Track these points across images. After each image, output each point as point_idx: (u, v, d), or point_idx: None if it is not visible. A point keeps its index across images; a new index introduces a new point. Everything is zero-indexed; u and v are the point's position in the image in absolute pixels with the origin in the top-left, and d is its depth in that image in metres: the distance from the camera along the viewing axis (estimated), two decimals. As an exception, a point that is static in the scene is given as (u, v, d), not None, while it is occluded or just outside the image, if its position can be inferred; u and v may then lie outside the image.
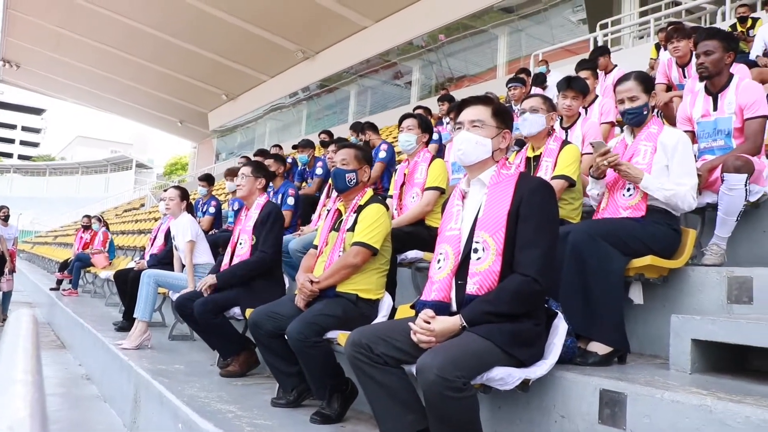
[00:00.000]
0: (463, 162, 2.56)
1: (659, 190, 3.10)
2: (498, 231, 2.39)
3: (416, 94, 24.16)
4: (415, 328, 2.38)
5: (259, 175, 4.70)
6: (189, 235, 5.50)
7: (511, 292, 2.31)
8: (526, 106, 3.98)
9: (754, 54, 7.15)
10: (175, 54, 28.86)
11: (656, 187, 3.11)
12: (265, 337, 3.44)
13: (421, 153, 4.62)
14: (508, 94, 8.47)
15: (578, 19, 18.07)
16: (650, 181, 3.12)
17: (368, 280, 3.41)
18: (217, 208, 8.31)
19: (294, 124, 32.07)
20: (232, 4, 23.63)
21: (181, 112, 38.38)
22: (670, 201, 3.11)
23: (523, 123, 3.96)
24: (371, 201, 3.51)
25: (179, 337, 5.89)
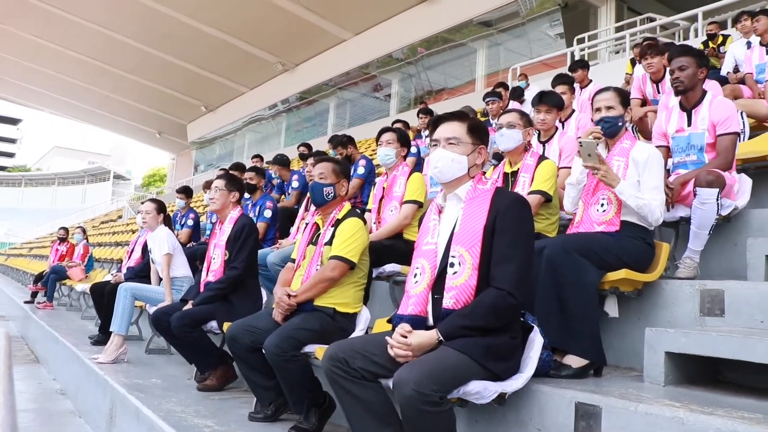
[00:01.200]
0: (439, 179, 2.58)
1: (633, 197, 3.14)
2: (474, 245, 2.41)
3: (395, 106, 24.27)
4: (392, 342, 2.38)
5: (233, 189, 4.68)
6: (166, 248, 5.47)
7: (487, 306, 2.33)
8: (503, 121, 4.01)
9: (725, 70, 7.28)
10: (155, 65, 28.76)
11: (630, 193, 3.15)
12: (242, 351, 3.42)
13: (400, 167, 4.65)
14: (486, 108, 8.54)
15: (556, 33, 18.29)
16: (625, 186, 3.16)
17: (345, 294, 3.41)
18: (195, 221, 8.27)
19: (273, 136, 32.05)
20: (212, 16, 23.62)
21: (159, 124, 38.20)
22: (641, 210, 3.15)
23: (500, 138, 3.99)
24: (349, 215, 3.52)
25: (156, 351, 5.83)
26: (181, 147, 40.71)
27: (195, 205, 13.77)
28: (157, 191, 44.44)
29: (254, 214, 6.48)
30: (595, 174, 3.22)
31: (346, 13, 22.31)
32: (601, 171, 3.18)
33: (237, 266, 4.38)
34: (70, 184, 74.87)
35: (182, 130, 37.73)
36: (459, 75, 21.72)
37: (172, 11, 23.50)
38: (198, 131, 37.13)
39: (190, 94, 32.93)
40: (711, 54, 9.55)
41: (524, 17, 18.99)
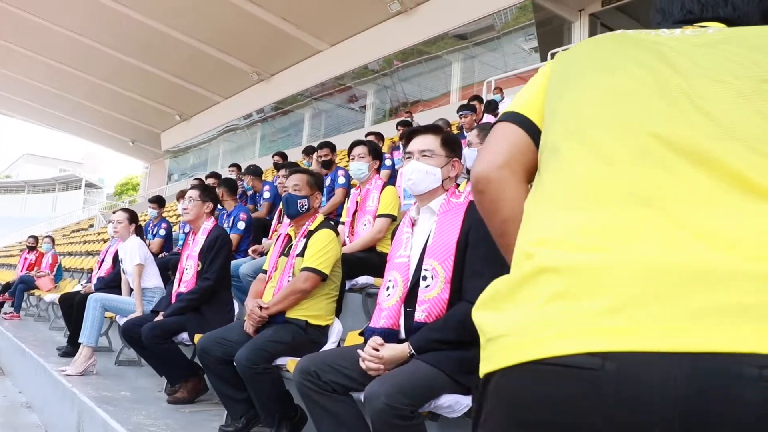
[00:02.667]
0: (413, 191, 2.59)
1: None
2: (447, 259, 2.41)
3: (371, 118, 24.30)
4: (364, 355, 2.38)
5: (207, 199, 4.65)
6: (137, 259, 5.41)
7: (459, 319, 2.33)
8: (473, 141, 4.02)
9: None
10: (129, 73, 28.49)
11: None
12: (213, 364, 3.40)
13: (373, 180, 4.66)
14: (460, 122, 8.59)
15: (530, 47, 18.45)
16: None
17: (318, 306, 3.40)
18: (168, 231, 8.21)
19: (248, 146, 31.91)
20: (188, 25, 23.50)
21: (133, 132, 37.84)
22: None
23: (472, 154, 3.99)
24: (321, 226, 3.52)
25: (126, 363, 5.75)
26: (154, 156, 40.36)
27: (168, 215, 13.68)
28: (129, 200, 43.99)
29: (228, 225, 6.44)
30: None
31: (322, 24, 22.33)
32: None
33: (210, 277, 4.35)
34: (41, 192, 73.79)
35: (156, 138, 37.40)
36: (434, 87, 21.82)
37: (146, 19, 23.34)
38: (172, 140, 36.83)
39: (165, 103, 32.67)
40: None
41: (499, 31, 19.15)
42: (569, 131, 0.97)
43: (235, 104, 30.34)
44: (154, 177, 41.86)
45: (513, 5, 18.22)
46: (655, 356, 0.71)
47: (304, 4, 20.93)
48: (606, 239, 0.82)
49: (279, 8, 21.66)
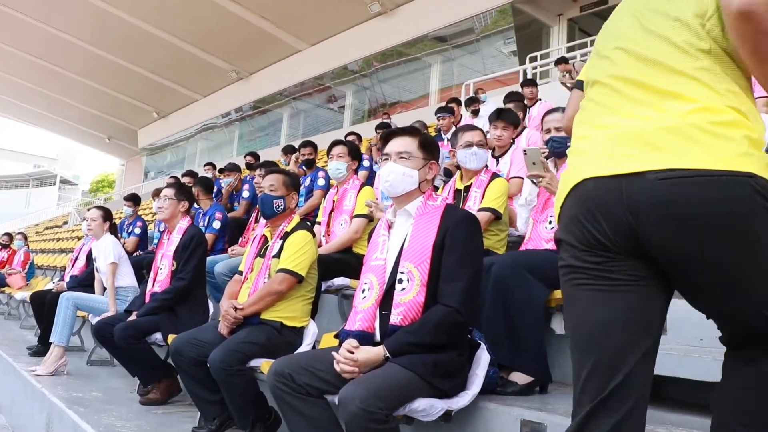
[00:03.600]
0: (390, 193, 2.58)
1: None
2: (423, 262, 2.40)
3: (349, 118, 24.30)
4: (339, 357, 2.36)
5: (182, 198, 4.61)
6: (111, 257, 5.35)
7: (434, 323, 2.33)
8: (473, 139, 3.92)
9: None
10: (106, 69, 28.17)
11: None
12: (187, 365, 3.36)
13: (351, 180, 4.65)
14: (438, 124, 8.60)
15: (509, 51, 18.56)
16: None
17: (293, 308, 3.38)
18: (143, 229, 8.14)
19: (226, 144, 31.73)
20: (166, 21, 23.33)
21: (109, 129, 37.45)
22: None
23: (472, 157, 3.91)
24: (298, 227, 3.50)
25: (98, 363, 5.68)
26: (131, 153, 39.97)
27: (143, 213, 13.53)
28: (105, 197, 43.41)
29: (203, 224, 6.40)
30: (540, 182, 3.24)
31: (302, 24, 22.28)
32: (545, 178, 3.21)
33: (184, 277, 4.31)
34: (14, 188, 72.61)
35: (133, 135, 37.05)
36: (413, 89, 21.87)
37: (124, 14, 23.11)
38: (149, 137, 36.53)
39: (142, 100, 32.38)
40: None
41: (479, 34, 19.24)
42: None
43: (213, 102, 30.17)
44: (130, 174, 41.46)
45: (493, 9, 18.32)
46: (607, 178, 1.43)
47: (284, 4, 20.88)
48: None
49: (259, 7, 21.59)
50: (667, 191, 1.35)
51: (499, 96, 9.52)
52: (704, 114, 1.37)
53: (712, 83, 1.40)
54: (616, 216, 1.42)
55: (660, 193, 1.36)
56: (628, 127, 1.44)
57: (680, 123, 1.38)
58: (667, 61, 1.45)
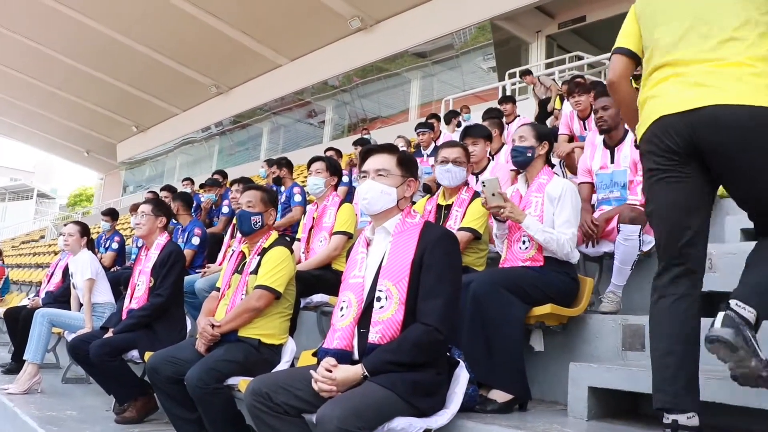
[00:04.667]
0: (368, 211, 2.57)
1: (539, 231, 3.18)
2: (401, 280, 2.39)
3: (329, 133, 24.33)
4: (317, 376, 2.34)
5: (160, 214, 4.57)
6: (88, 273, 5.29)
7: (413, 341, 2.31)
8: (449, 156, 3.88)
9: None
10: (84, 82, 28.00)
11: (537, 228, 3.19)
12: (163, 383, 3.31)
13: (330, 197, 4.64)
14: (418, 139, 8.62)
15: (488, 67, 18.72)
16: (531, 221, 3.21)
17: (271, 325, 3.36)
18: (121, 244, 8.07)
19: (205, 159, 31.60)
20: (146, 35, 23.26)
21: (88, 142, 37.17)
22: (549, 245, 3.19)
23: (446, 174, 3.88)
24: (276, 243, 3.48)
25: (73, 380, 5.59)
26: (109, 167, 39.68)
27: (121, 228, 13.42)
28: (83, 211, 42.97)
29: (182, 240, 6.35)
30: (502, 213, 3.24)
31: (282, 39, 22.32)
32: (506, 209, 3.21)
33: (162, 294, 4.27)
34: (-11, 202, 71.76)
35: (112, 149, 36.80)
36: (393, 104, 21.96)
37: (103, 27, 23.00)
38: (128, 151, 36.29)
39: (121, 114, 32.18)
40: (635, 94, 9.92)
41: (458, 50, 19.38)
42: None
43: (193, 117, 30.08)
44: (108, 188, 41.14)
45: (472, 25, 18.46)
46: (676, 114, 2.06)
47: (264, 18, 20.91)
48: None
49: (239, 21, 21.60)
50: (713, 115, 2.01)
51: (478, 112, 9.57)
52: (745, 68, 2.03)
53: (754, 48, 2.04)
54: (682, 132, 2.06)
55: (709, 118, 2.01)
56: (688, 75, 2.10)
57: (727, 72, 2.03)
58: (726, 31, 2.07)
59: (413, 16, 19.39)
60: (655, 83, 2.19)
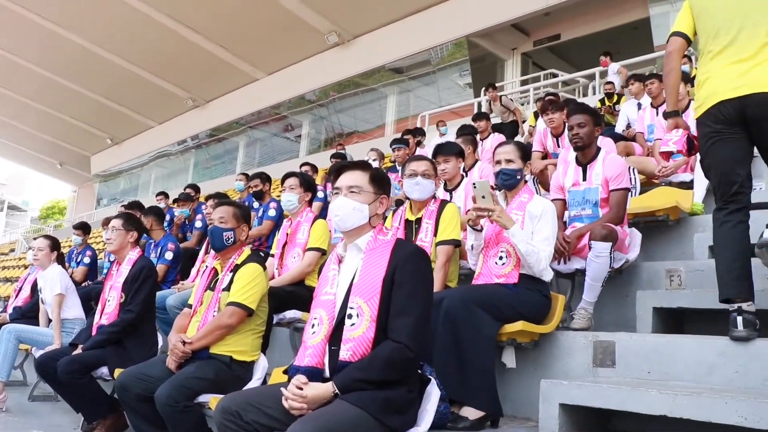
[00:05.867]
0: (340, 227, 2.57)
1: (523, 242, 3.20)
2: (373, 297, 2.39)
3: (306, 147, 24.33)
4: (287, 393, 2.32)
5: (131, 228, 4.52)
6: (58, 288, 5.22)
7: (384, 359, 2.31)
8: (418, 169, 3.88)
9: (619, 128, 7.68)
10: (58, 93, 27.72)
11: (521, 238, 3.21)
12: (133, 400, 3.27)
13: (304, 213, 4.63)
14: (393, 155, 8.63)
15: (465, 83, 18.87)
16: (518, 230, 3.22)
17: (243, 342, 3.33)
18: (93, 258, 7.97)
19: (180, 172, 31.38)
20: (121, 46, 23.13)
21: (61, 154, 36.78)
22: (529, 257, 3.21)
23: (415, 187, 3.87)
24: (248, 260, 3.46)
25: (41, 398, 5.50)
26: (83, 179, 39.28)
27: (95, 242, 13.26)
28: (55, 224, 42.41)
29: (155, 255, 6.29)
30: (490, 216, 3.25)
31: (260, 53, 22.33)
32: (495, 212, 3.22)
33: (133, 309, 4.22)
34: (-41, 214, 70.58)
35: (86, 161, 36.44)
36: (370, 119, 22.03)
37: (78, 38, 22.83)
38: (102, 164, 35.95)
39: (96, 126, 31.91)
40: (607, 111, 10.10)
41: (435, 66, 19.53)
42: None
43: (169, 130, 29.92)
44: (82, 201, 40.68)
45: (449, 41, 18.61)
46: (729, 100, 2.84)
47: (241, 32, 20.91)
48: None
49: (216, 35, 21.58)
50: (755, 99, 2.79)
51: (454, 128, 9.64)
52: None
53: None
54: (737, 108, 2.83)
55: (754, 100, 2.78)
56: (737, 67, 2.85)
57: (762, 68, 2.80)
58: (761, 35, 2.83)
59: (390, 32, 19.53)
60: (713, 69, 2.95)
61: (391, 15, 19.15)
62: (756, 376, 2.64)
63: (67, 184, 45.27)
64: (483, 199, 3.22)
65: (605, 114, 9.77)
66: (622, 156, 5.52)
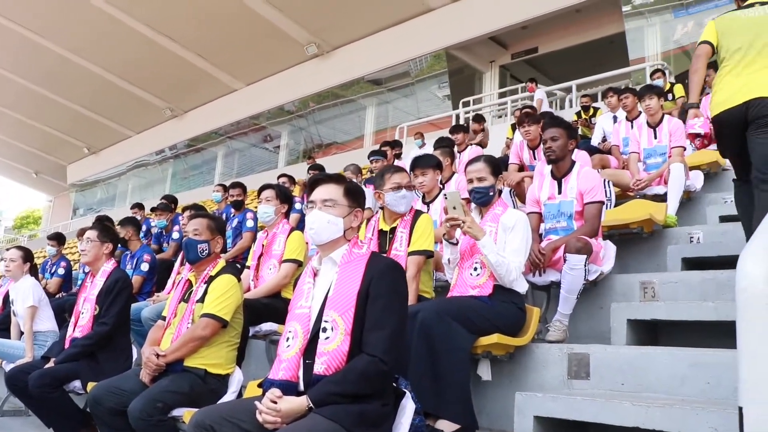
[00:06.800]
0: (315, 241, 2.56)
1: (494, 253, 3.23)
2: (347, 311, 2.39)
3: (284, 158, 24.29)
4: (261, 407, 2.31)
5: (106, 240, 4.47)
6: (30, 300, 5.14)
7: (358, 372, 2.30)
8: (402, 181, 3.89)
9: (595, 141, 7.75)
10: (35, 101, 27.40)
11: (492, 249, 3.24)
12: (106, 415, 3.23)
13: (280, 224, 4.62)
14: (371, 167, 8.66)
15: (443, 95, 18.98)
16: (489, 241, 3.25)
17: (218, 354, 3.31)
18: (67, 270, 7.88)
19: (158, 182, 31.13)
20: (99, 55, 22.96)
21: (37, 163, 36.35)
22: (499, 268, 3.24)
23: (401, 200, 3.87)
24: (223, 271, 3.44)
25: (10, 413, 5.38)
26: (59, 189, 38.84)
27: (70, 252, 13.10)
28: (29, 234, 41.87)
29: (131, 267, 6.24)
30: (461, 227, 3.27)
31: (239, 63, 22.29)
32: (466, 223, 3.24)
33: (107, 322, 4.16)
34: (-70, 224, 69.42)
35: (62, 171, 36.05)
36: (348, 130, 22.06)
37: (56, 47, 22.62)
38: (79, 173, 35.59)
39: (73, 135, 31.59)
40: (583, 124, 10.20)
41: (414, 78, 19.62)
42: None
43: (147, 139, 29.72)
44: (57, 211, 40.20)
45: (427, 54, 18.71)
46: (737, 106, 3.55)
47: (220, 42, 20.87)
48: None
49: (194, 45, 21.51)
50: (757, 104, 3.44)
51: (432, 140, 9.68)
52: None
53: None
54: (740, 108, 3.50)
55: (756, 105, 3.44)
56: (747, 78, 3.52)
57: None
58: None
59: (369, 44, 19.61)
60: (727, 80, 3.63)
61: (371, 27, 19.24)
62: (727, 387, 2.66)
63: (43, 194, 44.72)
64: (454, 210, 3.25)
65: (581, 127, 9.88)
66: (597, 168, 5.60)
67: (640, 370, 2.95)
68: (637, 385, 2.94)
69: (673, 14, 14.28)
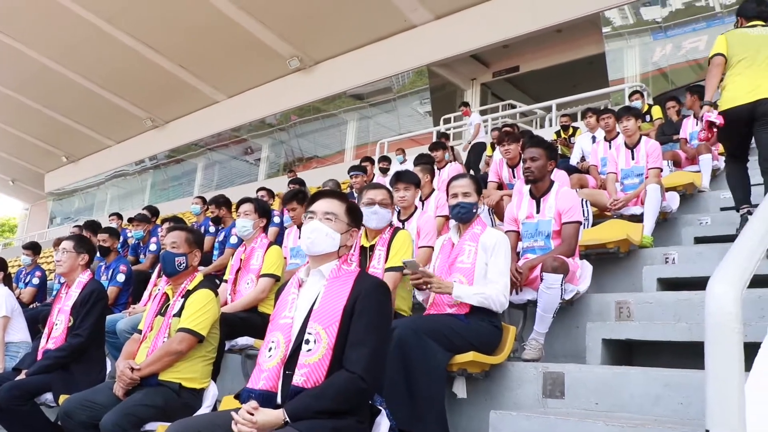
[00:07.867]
0: (309, 251, 2.56)
1: (471, 296, 3.29)
2: (332, 325, 2.39)
3: (264, 171, 24.22)
4: (237, 418, 2.29)
5: (82, 251, 4.43)
6: (3, 310, 5.09)
7: (337, 388, 2.30)
8: (376, 198, 3.93)
9: (573, 160, 7.83)
10: (13, 108, 27.05)
11: (467, 294, 3.30)
12: (77, 428, 3.19)
13: (258, 239, 4.61)
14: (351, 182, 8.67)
15: (425, 111, 19.07)
16: (461, 290, 3.31)
17: (193, 369, 3.29)
18: (42, 279, 7.79)
19: (137, 192, 30.88)
20: (79, 63, 22.77)
21: (14, 171, 35.89)
22: (483, 304, 3.29)
23: (373, 216, 3.92)
24: (200, 285, 3.43)
25: (-20, 425, 5.31)
26: (36, 197, 38.36)
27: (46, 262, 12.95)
28: (5, 242, 41.29)
29: (107, 278, 6.18)
30: (429, 288, 3.34)
31: (221, 75, 22.26)
32: (433, 284, 3.32)
33: (81, 333, 4.11)
34: None
35: (39, 179, 35.62)
36: (329, 144, 22.08)
37: (35, 53, 22.38)
38: (57, 182, 35.19)
39: (51, 143, 31.24)
40: (563, 143, 10.30)
41: (395, 93, 19.70)
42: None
43: (126, 149, 29.49)
44: (34, 219, 39.69)
45: (410, 70, 18.81)
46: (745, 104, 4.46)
47: (202, 54, 20.82)
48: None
49: (177, 56, 21.45)
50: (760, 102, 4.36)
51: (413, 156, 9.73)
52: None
53: None
54: (747, 106, 4.38)
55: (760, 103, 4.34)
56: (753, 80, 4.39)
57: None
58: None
59: (352, 59, 19.68)
60: (735, 81, 4.47)
61: (353, 42, 19.31)
62: (699, 408, 2.68)
63: (19, 202, 44.17)
64: (415, 275, 3.35)
65: (561, 146, 9.98)
66: (576, 188, 5.66)
67: (614, 389, 2.97)
68: (611, 404, 2.96)
69: (652, 36, 14.51)
